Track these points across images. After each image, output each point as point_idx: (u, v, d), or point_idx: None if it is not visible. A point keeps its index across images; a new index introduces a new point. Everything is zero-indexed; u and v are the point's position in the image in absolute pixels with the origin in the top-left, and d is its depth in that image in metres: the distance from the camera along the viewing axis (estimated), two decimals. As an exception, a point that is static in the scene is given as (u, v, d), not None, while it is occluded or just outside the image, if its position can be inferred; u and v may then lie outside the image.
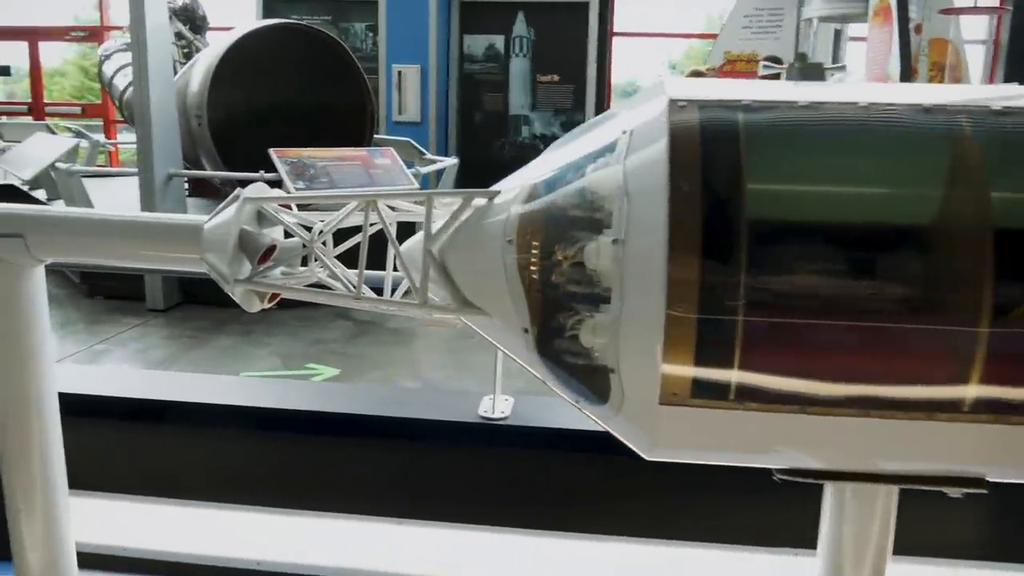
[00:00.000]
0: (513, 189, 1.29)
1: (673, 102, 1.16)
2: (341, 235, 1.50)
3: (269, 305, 1.45)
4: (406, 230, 1.42)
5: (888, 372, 1.13)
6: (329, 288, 1.40)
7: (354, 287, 1.35)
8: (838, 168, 1.15)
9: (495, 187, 1.31)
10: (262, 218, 1.43)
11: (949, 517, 2.55)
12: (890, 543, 1.45)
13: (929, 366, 1.13)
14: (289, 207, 1.45)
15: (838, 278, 1.10)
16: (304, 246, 1.41)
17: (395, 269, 1.44)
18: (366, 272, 1.39)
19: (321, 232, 1.40)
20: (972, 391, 1.10)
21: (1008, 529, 2.59)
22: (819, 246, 1.12)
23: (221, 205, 1.40)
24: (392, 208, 1.46)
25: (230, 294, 1.39)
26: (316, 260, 1.42)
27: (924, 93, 1.19)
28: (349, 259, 1.45)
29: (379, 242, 1.43)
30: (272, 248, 1.39)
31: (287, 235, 1.49)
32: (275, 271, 1.43)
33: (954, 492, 1.26)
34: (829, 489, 1.43)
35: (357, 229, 1.39)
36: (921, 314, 1.10)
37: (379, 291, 1.44)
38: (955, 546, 2.60)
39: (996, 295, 1.07)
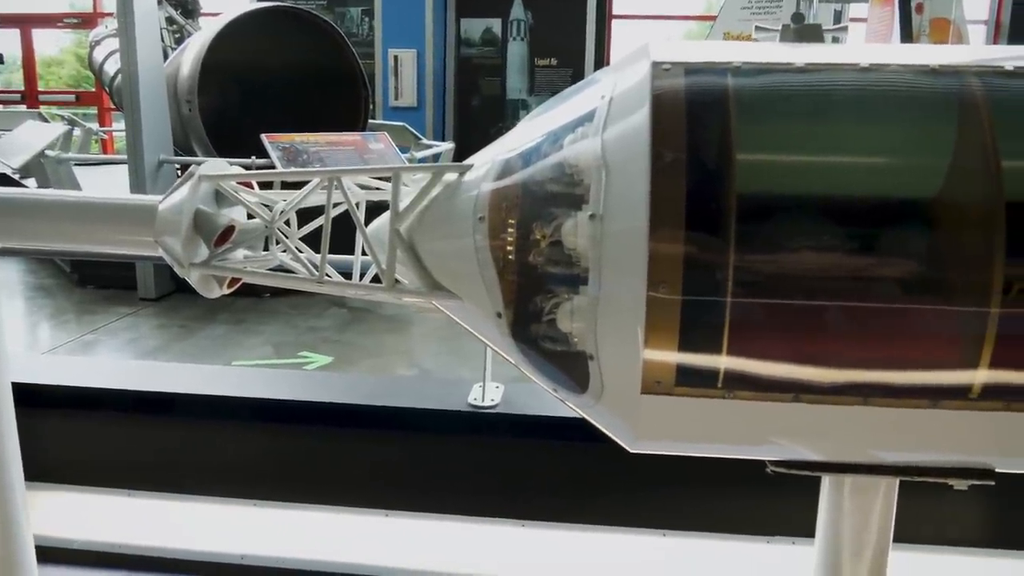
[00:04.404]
0: (486, 163, 1.19)
1: (656, 65, 1.06)
2: (310, 217, 1.41)
3: (229, 291, 1.36)
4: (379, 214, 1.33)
5: (890, 357, 1.04)
6: (292, 272, 1.30)
7: (318, 270, 1.26)
8: (836, 137, 1.06)
9: (467, 161, 1.22)
10: (221, 197, 1.34)
11: (949, 505, 2.48)
12: (890, 536, 1.37)
13: (934, 350, 1.04)
14: (251, 186, 1.36)
15: (835, 256, 1.01)
16: (266, 227, 1.32)
17: (364, 252, 1.35)
18: (335, 256, 1.30)
19: (283, 212, 1.30)
20: (981, 376, 1.02)
21: (1010, 516, 2.52)
22: (814, 221, 1.02)
23: (176, 183, 1.31)
24: (361, 187, 1.37)
25: (186, 279, 1.30)
26: (279, 243, 1.33)
27: (931, 54, 1.09)
28: (317, 242, 1.35)
29: (349, 224, 1.34)
30: (230, 229, 1.30)
31: (250, 217, 1.40)
32: (235, 254, 1.34)
33: (960, 484, 1.18)
34: (827, 481, 1.35)
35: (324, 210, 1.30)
36: (926, 294, 1.01)
37: (348, 275, 1.35)
38: (955, 534, 2.53)
39: (1007, 273, 0.97)
